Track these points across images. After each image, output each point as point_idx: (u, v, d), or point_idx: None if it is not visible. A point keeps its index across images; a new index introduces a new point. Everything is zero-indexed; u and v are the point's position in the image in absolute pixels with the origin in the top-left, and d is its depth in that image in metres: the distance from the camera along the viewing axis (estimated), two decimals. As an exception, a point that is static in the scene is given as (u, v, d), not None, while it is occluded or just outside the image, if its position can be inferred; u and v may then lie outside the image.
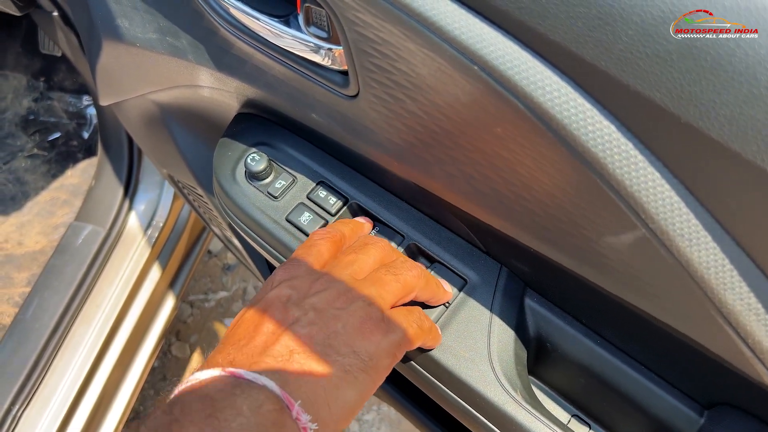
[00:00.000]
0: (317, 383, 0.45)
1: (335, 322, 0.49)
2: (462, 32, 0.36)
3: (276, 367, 0.44)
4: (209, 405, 0.40)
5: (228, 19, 0.53)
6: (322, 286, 0.51)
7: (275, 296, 0.50)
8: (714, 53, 0.28)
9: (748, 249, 0.34)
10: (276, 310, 0.49)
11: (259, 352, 0.46)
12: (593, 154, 0.35)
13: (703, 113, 0.30)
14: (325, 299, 0.50)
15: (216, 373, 0.43)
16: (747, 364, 0.38)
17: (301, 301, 0.49)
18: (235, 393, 0.41)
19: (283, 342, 0.46)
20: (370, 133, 0.51)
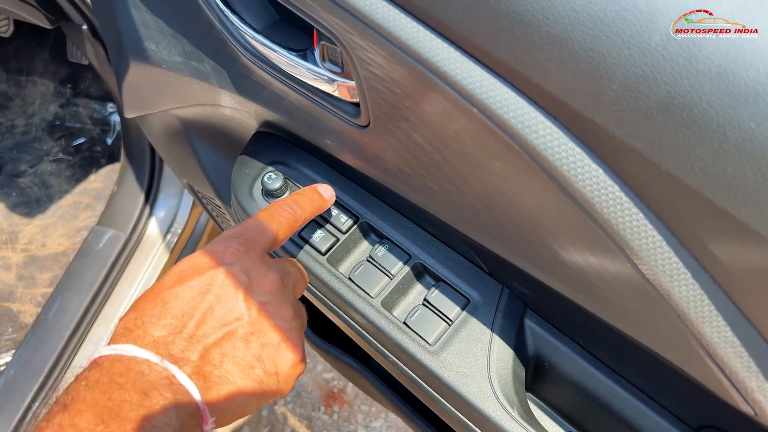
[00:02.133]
0: (233, 396, 0.48)
1: (273, 335, 0.51)
2: (463, 77, 0.39)
3: (205, 373, 0.47)
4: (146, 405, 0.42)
5: (249, 48, 0.57)
6: (272, 285, 0.52)
7: (229, 276, 0.51)
8: (688, 111, 0.31)
9: (724, 286, 0.36)
10: (225, 296, 0.50)
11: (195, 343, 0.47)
12: (582, 194, 0.37)
13: (680, 163, 0.33)
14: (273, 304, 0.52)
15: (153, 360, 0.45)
16: (725, 392, 0.41)
17: (249, 296, 0.51)
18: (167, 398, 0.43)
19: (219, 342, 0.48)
20: (380, 161, 0.54)
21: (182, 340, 0.47)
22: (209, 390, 0.46)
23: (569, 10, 0.33)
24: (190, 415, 0.44)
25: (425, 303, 0.61)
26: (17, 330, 1.42)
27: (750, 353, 0.37)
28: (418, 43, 0.40)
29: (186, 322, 0.48)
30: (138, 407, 0.42)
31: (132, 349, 0.45)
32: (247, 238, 0.53)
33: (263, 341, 0.50)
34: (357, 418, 1.68)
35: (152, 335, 0.47)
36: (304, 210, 0.59)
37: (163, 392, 0.44)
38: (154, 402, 0.43)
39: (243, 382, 0.48)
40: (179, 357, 0.46)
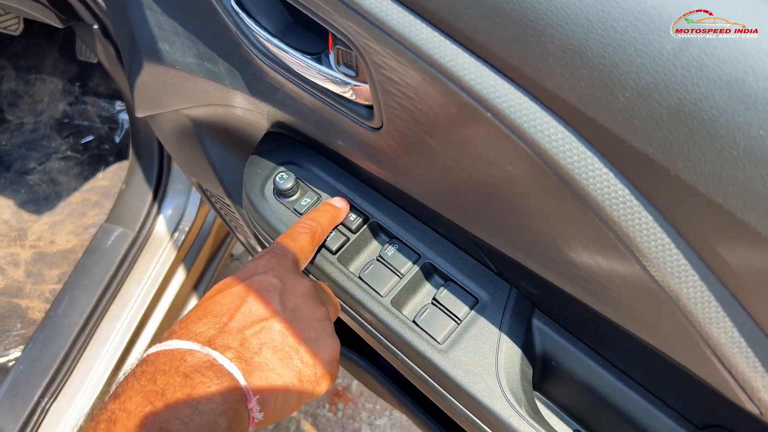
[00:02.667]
0: (274, 383, 0.51)
1: (309, 331, 0.55)
2: (477, 82, 0.40)
3: (245, 357, 0.50)
4: (189, 385, 0.45)
5: (263, 51, 0.58)
6: (305, 289, 0.57)
7: (263, 281, 0.55)
8: (699, 118, 0.32)
9: (731, 288, 0.37)
10: (261, 296, 0.54)
11: (234, 334, 0.51)
12: (592, 197, 0.38)
13: (689, 168, 0.33)
14: (307, 305, 0.56)
15: (195, 348, 0.48)
16: (731, 391, 0.42)
17: (284, 297, 0.55)
18: (209, 377, 0.47)
19: (258, 333, 0.52)
20: (391, 162, 0.55)
21: (222, 333, 0.51)
22: (251, 374, 0.49)
23: (583, 18, 0.34)
24: (233, 393, 0.47)
25: (434, 302, 0.62)
26: (26, 326, 1.43)
27: (756, 353, 0.38)
28: (433, 48, 0.41)
29: (226, 320, 0.52)
30: (181, 387, 0.45)
31: (175, 342, 0.49)
32: (277, 254, 0.58)
33: (300, 336, 0.54)
34: (361, 416, 1.69)
35: (194, 331, 0.50)
36: (320, 224, 0.63)
37: (205, 373, 0.47)
38: (197, 382, 0.46)
39: (282, 370, 0.51)
40: (220, 344, 0.50)
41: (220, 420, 0.45)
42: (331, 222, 0.65)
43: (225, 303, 0.53)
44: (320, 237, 0.64)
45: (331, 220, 0.65)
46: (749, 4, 0.31)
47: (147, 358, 0.48)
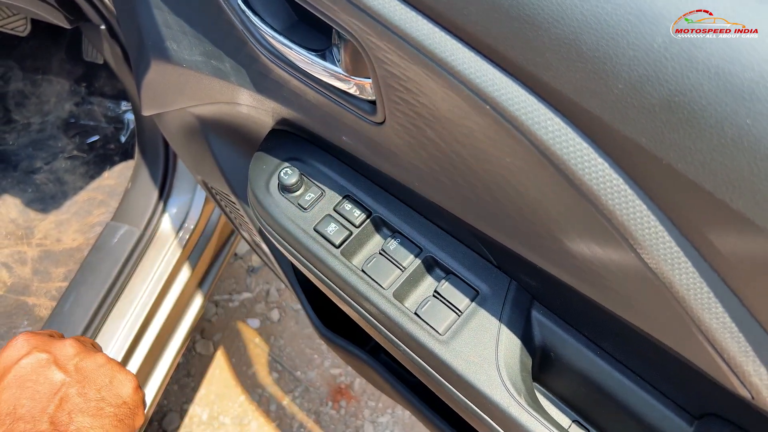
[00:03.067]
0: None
1: (101, 377, 0.57)
2: (477, 76, 0.41)
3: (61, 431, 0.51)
4: None
5: (269, 48, 0.59)
6: (72, 348, 0.58)
7: (33, 361, 0.55)
8: (689, 108, 0.33)
9: (722, 274, 0.38)
10: (39, 375, 0.54)
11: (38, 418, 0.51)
12: (588, 187, 0.40)
13: (680, 157, 0.35)
14: (84, 359, 0.57)
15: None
16: (724, 376, 0.43)
17: (60, 364, 0.56)
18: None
19: (59, 405, 0.53)
20: (394, 156, 0.56)
21: (26, 423, 0.50)
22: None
23: (577, 13, 0.35)
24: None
25: (436, 294, 0.63)
26: (32, 323, 1.45)
27: (747, 338, 0.39)
28: (433, 43, 0.42)
29: (21, 412, 0.51)
30: None
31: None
32: (31, 332, 0.59)
33: (96, 386, 0.55)
34: (364, 414, 1.70)
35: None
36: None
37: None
38: None
39: (99, 422, 0.53)
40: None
41: None
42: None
43: (9, 397, 0.53)
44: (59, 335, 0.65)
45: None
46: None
47: None
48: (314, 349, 1.82)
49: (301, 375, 1.78)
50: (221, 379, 1.78)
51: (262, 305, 1.96)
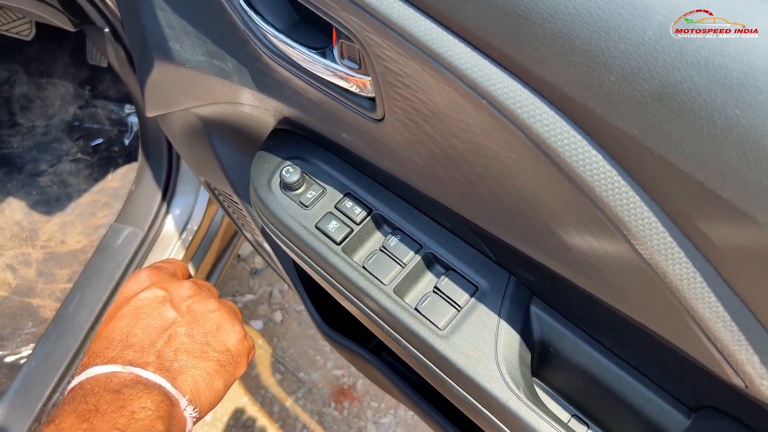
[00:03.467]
0: (198, 377, 0.55)
1: (210, 323, 0.59)
2: (473, 71, 0.42)
3: (166, 366, 0.53)
4: (121, 399, 0.48)
5: (270, 47, 0.60)
6: (190, 290, 0.61)
7: (150, 295, 0.59)
8: (679, 100, 0.34)
9: (715, 264, 0.39)
10: (154, 310, 0.57)
11: (147, 350, 0.54)
12: (583, 179, 0.40)
13: (671, 148, 0.35)
14: (198, 303, 0.60)
15: (116, 369, 0.51)
16: (718, 366, 0.43)
17: (174, 303, 0.59)
18: (139, 389, 0.49)
19: (167, 342, 0.55)
20: (394, 153, 0.57)
21: (135, 352, 0.53)
22: (175, 380, 0.52)
23: (570, 8, 0.36)
24: (164, 399, 0.50)
25: (436, 290, 0.64)
26: (37, 324, 1.46)
27: (740, 327, 0.40)
28: (431, 39, 0.43)
29: (133, 341, 0.54)
30: (113, 402, 0.47)
31: (96, 369, 0.51)
32: (154, 267, 0.62)
33: (203, 330, 0.58)
34: (367, 414, 1.70)
35: (108, 356, 0.53)
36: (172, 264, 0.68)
37: (134, 386, 0.49)
38: (127, 395, 0.48)
39: (202, 364, 0.55)
40: (139, 362, 0.52)
41: (156, 424, 0.47)
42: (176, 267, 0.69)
43: (123, 326, 0.56)
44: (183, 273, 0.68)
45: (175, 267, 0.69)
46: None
47: (72, 389, 0.50)
48: (317, 350, 1.83)
49: (304, 376, 1.78)
50: (224, 381, 1.78)
51: (265, 307, 1.96)
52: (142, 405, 0.48)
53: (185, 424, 0.52)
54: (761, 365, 0.41)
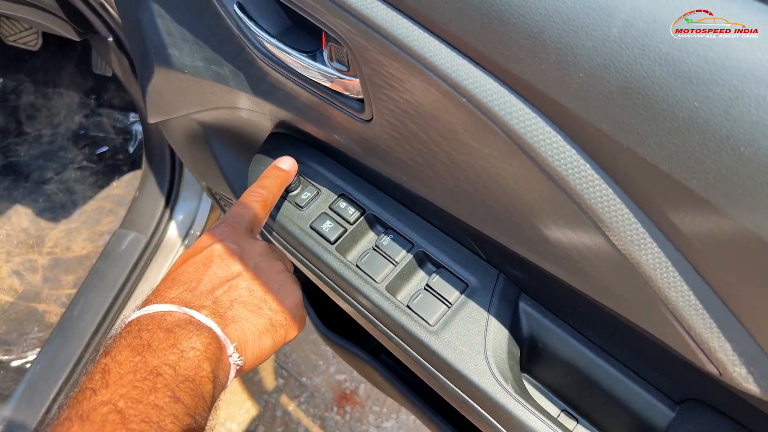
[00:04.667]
0: (247, 330, 0.57)
1: (273, 283, 0.61)
2: (453, 71, 0.44)
3: (219, 313, 0.56)
4: (172, 337, 0.51)
5: (264, 52, 0.62)
6: (261, 249, 0.63)
7: (223, 247, 0.61)
8: (643, 94, 0.36)
9: (685, 253, 0.40)
10: (223, 261, 0.60)
11: (206, 295, 0.57)
12: (558, 173, 0.42)
13: (639, 141, 0.37)
14: (266, 261, 0.62)
15: (172, 309, 0.54)
16: (693, 354, 0.45)
17: (244, 258, 0.61)
18: (189, 330, 0.52)
19: (227, 291, 0.58)
20: (383, 152, 0.59)
21: (194, 296, 0.56)
22: (226, 326, 0.55)
23: (540, 8, 0.38)
24: (213, 342, 0.52)
25: (427, 288, 0.66)
26: (43, 329, 1.48)
27: (711, 315, 0.41)
28: (413, 41, 0.45)
29: (195, 284, 0.57)
30: (165, 339, 0.50)
31: (153, 307, 0.54)
32: (230, 223, 0.63)
33: (265, 289, 0.59)
34: (369, 419, 1.71)
35: (168, 296, 0.55)
36: (270, 191, 0.68)
37: (186, 327, 0.52)
38: (179, 335, 0.51)
39: (254, 319, 0.57)
40: (195, 304, 0.55)
41: (203, 365, 0.50)
42: (281, 186, 0.70)
43: (191, 271, 0.58)
44: (272, 203, 0.68)
45: (280, 184, 0.70)
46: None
47: (129, 323, 0.53)
48: (319, 355, 1.84)
49: (307, 381, 1.80)
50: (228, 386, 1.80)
51: (268, 313, 1.97)
52: (192, 345, 0.50)
53: (229, 370, 0.54)
54: (733, 352, 0.42)
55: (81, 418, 0.43)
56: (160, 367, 0.48)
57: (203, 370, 0.50)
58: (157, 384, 0.47)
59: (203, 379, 0.50)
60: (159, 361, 0.48)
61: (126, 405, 0.44)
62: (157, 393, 0.46)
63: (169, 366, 0.48)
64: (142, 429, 0.44)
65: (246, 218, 0.65)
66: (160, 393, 0.46)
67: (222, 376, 0.53)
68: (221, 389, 0.54)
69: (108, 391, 0.45)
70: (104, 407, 0.44)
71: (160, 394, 0.46)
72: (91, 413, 0.43)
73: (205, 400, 0.50)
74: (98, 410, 0.44)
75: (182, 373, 0.48)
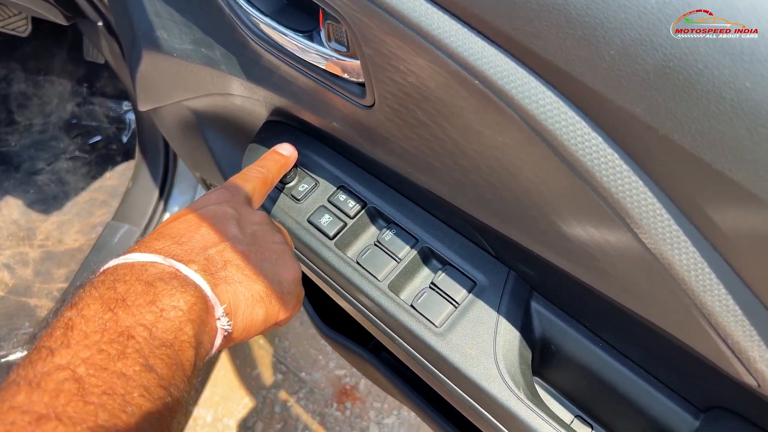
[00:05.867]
0: (240, 294, 0.50)
1: (270, 252, 0.55)
2: (464, 49, 0.39)
3: (211, 271, 0.49)
4: (152, 292, 0.43)
5: (257, 33, 0.58)
6: (260, 218, 0.58)
7: (219, 210, 0.55)
8: (685, 73, 0.31)
9: (724, 253, 0.36)
10: (218, 221, 0.54)
11: (197, 251, 0.50)
12: (582, 163, 0.38)
13: (677, 127, 0.33)
14: (265, 230, 0.57)
15: (157, 260, 0.47)
16: (728, 363, 0.41)
17: (242, 223, 0.55)
18: (173, 285, 0.45)
19: (221, 251, 0.51)
20: (385, 141, 0.55)
21: (183, 250, 0.49)
22: (217, 286, 0.48)
23: (566, -24, 0.33)
24: (199, 301, 0.45)
25: (432, 286, 0.62)
26: (34, 324, 1.44)
27: (751, 322, 0.37)
28: (420, 17, 0.41)
29: (186, 240, 0.51)
30: (143, 294, 0.43)
31: (135, 255, 0.47)
32: (229, 189, 0.59)
33: (261, 257, 0.54)
34: (369, 415, 1.68)
35: (154, 247, 0.49)
36: (270, 171, 0.64)
37: (169, 281, 0.45)
38: (160, 290, 0.44)
39: (249, 284, 0.51)
40: (183, 258, 0.48)
41: (185, 327, 0.43)
42: (281, 169, 0.66)
43: (182, 227, 0.52)
44: (271, 183, 0.64)
45: (280, 168, 0.66)
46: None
47: (105, 270, 0.46)
48: (319, 350, 1.81)
49: (306, 376, 1.76)
50: (225, 381, 1.76)
51: (266, 306, 1.94)
52: (174, 303, 0.44)
53: (215, 335, 0.48)
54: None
55: (30, 383, 0.36)
56: (134, 327, 0.41)
57: (184, 334, 0.43)
58: (128, 348, 0.40)
59: (183, 344, 0.43)
60: (133, 320, 0.41)
61: (87, 372, 0.38)
62: (126, 359, 0.39)
63: (144, 327, 0.41)
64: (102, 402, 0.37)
65: (245, 188, 0.60)
66: (130, 359, 0.39)
67: (206, 341, 0.46)
68: (204, 357, 0.46)
69: (68, 352, 0.38)
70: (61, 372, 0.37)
71: (129, 360, 0.39)
72: (44, 379, 0.36)
73: (184, 369, 0.43)
74: (53, 376, 0.37)
75: (159, 336, 0.41)
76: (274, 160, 0.66)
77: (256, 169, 0.63)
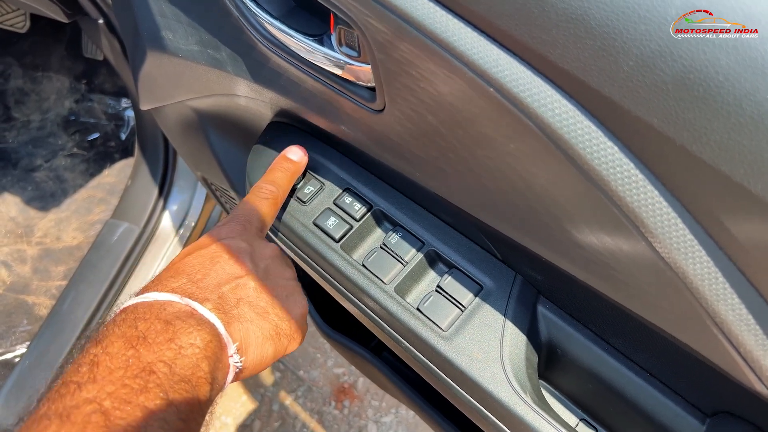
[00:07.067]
0: (251, 333, 0.53)
1: (281, 289, 0.58)
2: (480, 57, 0.39)
3: (224, 309, 0.52)
4: (170, 330, 0.47)
5: (266, 35, 0.57)
6: (272, 252, 0.60)
7: (233, 244, 0.57)
8: (705, 85, 0.31)
9: (738, 263, 0.36)
10: (231, 258, 0.56)
11: (211, 289, 0.53)
12: (597, 172, 0.38)
13: (695, 138, 0.33)
14: (276, 266, 0.59)
15: (174, 299, 0.50)
16: (740, 372, 0.41)
17: (254, 258, 0.57)
18: (190, 324, 0.48)
19: (234, 288, 0.54)
20: (395, 145, 0.54)
21: (199, 288, 0.52)
22: (230, 324, 0.51)
23: (586, -14, 0.33)
24: (214, 340, 0.48)
25: (438, 289, 0.62)
26: (32, 322, 1.44)
27: (765, 331, 0.38)
28: (435, 23, 0.40)
29: (200, 277, 0.53)
30: (163, 332, 0.46)
31: (153, 294, 0.50)
32: (240, 221, 0.60)
33: (273, 294, 0.56)
34: (367, 413, 1.68)
35: (170, 286, 0.51)
36: (280, 186, 0.65)
37: (186, 320, 0.48)
38: (178, 328, 0.47)
39: (260, 322, 0.54)
40: (199, 297, 0.51)
41: (202, 364, 0.46)
42: (291, 179, 0.67)
43: (196, 263, 0.55)
44: (281, 200, 0.65)
45: (290, 177, 0.67)
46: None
47: (125, 309, 0.49)
48: (317, 348, 1.80)
49: (304, 374, 1.76)
50: (223, 379, 1.76)
51: (264, 304, 1.93)
52: (191, 341, 0.47)
53: (227, 372, 0.51)
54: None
55: (61, 416, 0.39)
56: (155, 363, 0.44)
57: (201, 370, 0.46)
58: (149, 383, 0.43)
59: (200, 380, 0.46)
60: (154, 356, 0.44)
61: (112, 405, 0.40)
62: (148, 393, 0.42)
63: (164, 363, 0.44)
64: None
65: (256, 218, 0.61)
66: (152, 393, 0.42)
67: (220, 377, 0.49)
68: (218, 392, 0.50)
69: (95, 387, 0.41)
70: (88, 406, 0.40)
71: (151, 394, 0.42)
72: (73, 412, 0.39)
73: (201, 404, 0.46)
74: (81, 409, 0.40)
75: (178, 373, 0.44)
76: (284, 169, 0.66)
77: (267, 188, 0.64)
